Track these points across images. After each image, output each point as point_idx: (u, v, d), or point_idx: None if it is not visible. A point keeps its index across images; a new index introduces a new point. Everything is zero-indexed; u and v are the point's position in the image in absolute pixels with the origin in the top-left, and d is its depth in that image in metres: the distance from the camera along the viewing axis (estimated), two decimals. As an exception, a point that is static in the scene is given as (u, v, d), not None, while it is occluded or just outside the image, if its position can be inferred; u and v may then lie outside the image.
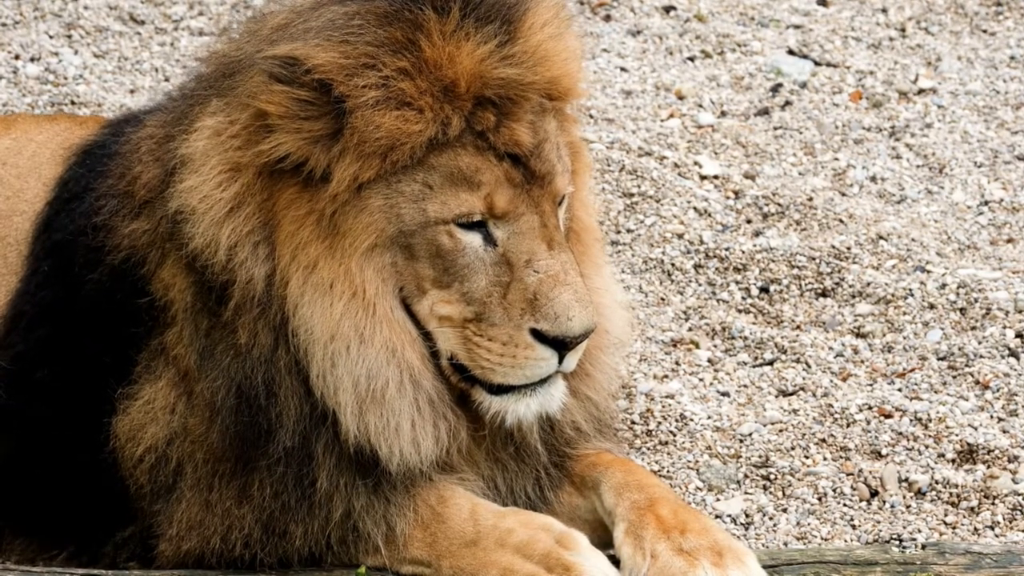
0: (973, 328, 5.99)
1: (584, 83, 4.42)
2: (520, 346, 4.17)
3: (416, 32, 4.12)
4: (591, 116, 7.35)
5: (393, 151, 4.12)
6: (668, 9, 8.39)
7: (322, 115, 4.11)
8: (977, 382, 5.66)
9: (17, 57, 7.71)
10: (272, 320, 4.24)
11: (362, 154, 4.12)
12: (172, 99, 4.77)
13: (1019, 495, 5.14)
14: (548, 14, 4.25)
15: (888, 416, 5.49)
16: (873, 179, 7.05)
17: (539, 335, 4.16)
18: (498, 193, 4.15)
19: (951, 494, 5.18)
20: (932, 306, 6.10)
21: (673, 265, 6.39)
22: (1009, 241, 6.60)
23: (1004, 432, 5.40)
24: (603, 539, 4.43)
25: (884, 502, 5.18)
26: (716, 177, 6.96)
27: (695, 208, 6.68)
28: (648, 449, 5.42)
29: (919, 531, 5.03)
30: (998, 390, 5.61)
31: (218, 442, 4.37)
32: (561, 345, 4.17)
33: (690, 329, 6.09)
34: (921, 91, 7.72)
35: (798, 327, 6.09)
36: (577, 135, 4.43)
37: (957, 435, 5.37)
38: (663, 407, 5.56)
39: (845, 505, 5.18)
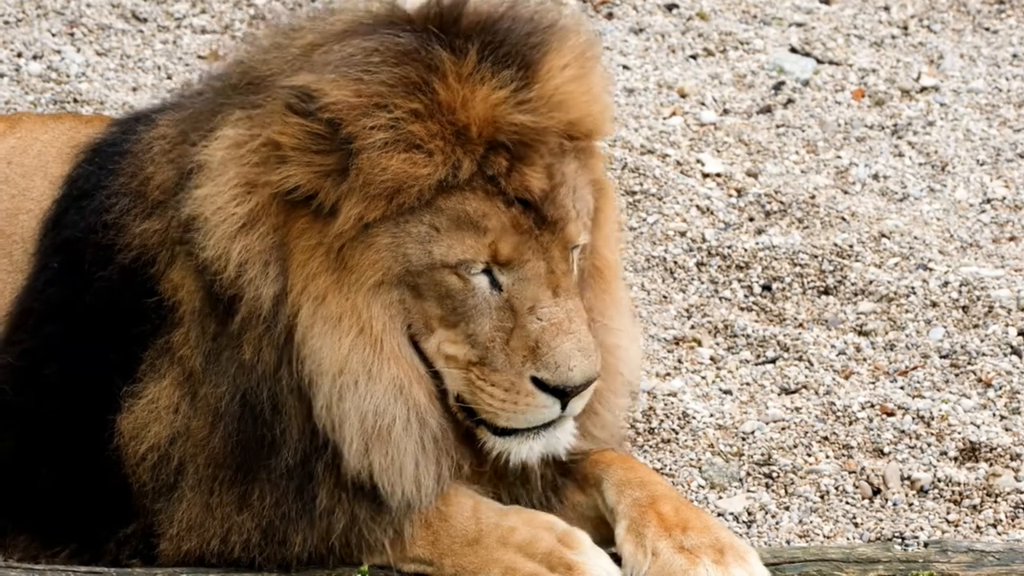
0: (975, 326, 5.99)
1: (611, 120, 4.37)
2: (521, 393, 4.15)
3: (431, 73, 4.08)
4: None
5: (399, 194, 4.09)
6: (670, 7, 8.39)
7: (332, 151, 4.09)
8: (979, 380, 5.67)
9: (20, 55, 7.71)
10: (276, 340, 4.23)
11: (367, 195, 4.09)
12: (185, 98, 4.76)
13: (1021, 493, 5.14)
14: (569, 56, 4.21)
15: (890, 414, 5.49)
16: (875, 177, 7.05)
17: (540, 383, 4.13)
18: (503, 240, 4.11)
19: (953, 492, 5.18)
20: (934, 304, 6.10)
21: (675, 263, 6.39)
22: (1011, 239, 6.61)
23: (1006, 430, 5.40)
24: (605, 536, 4.43)
25: (886, 500, 5.18)
26: (718, 175, 6.97)
27: (697, 206, 6.68)
28: (650, 447, 5.42)
29: (921, 529, 5.04)
30: (1000, 388, 5.61)
31: (220, 448, 4.37)
32: (562, 393, 4.14)
33: (692, 327, 6.09)
34: (923, 89, 7.72)
35: (800, 325, 6.09)
36: (602, 171, 4.38)
37: (959, 433, 5.37)
38: (665, 405, 5.56)
39: (847, 503, 5.18)
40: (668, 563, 4.23)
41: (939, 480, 5.20)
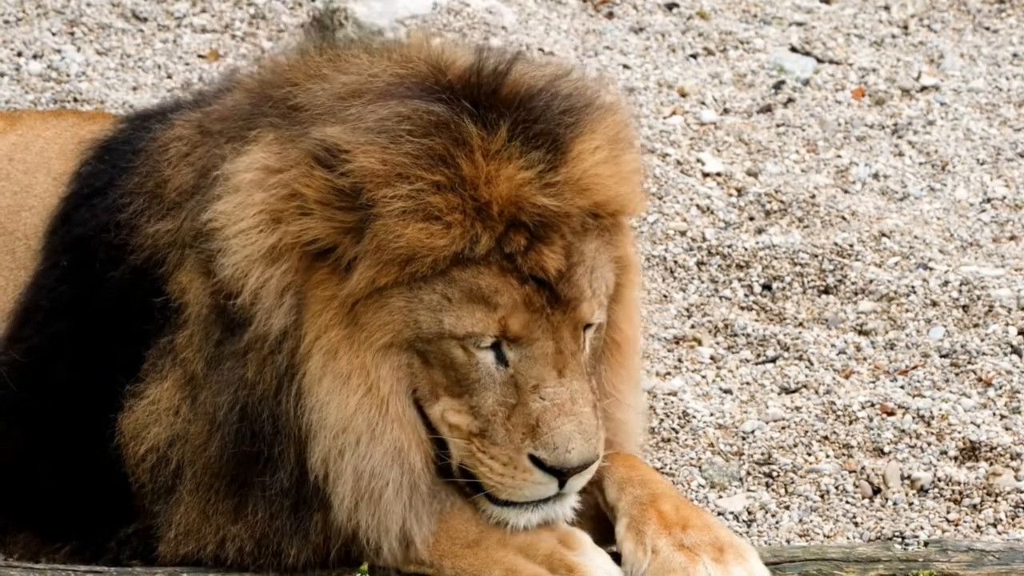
0: (975, 325, 5.99)
1: (641, 198, 4.36)
2: (519, 469, 4.15)
3: (458, 147, 4.07)
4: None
5: (412, 262, 4.08)
6: (670, 6, 8.39)
7: (353, 209, 4.09)
8: (979, 379, 5.67)
9: (20, 54, 7.71)
10: (279, 367, 4.22)
11: (380, 260, 4.09)
12: (205, 95, 4.76)
13: (1022, 492, 5.14)
14: (602, 138, 4.20)
15: (890, 413, 5.49)
16: (875, 176, 7.05)
17: (538, 461, 4.13)
18: (513, 317, 4.11)
19: (953, 491, 5.18)
20: (934, 303, 6.10)
21: (676, 262, 6.39)
22: (1012, 238, 6.60)
23: (1007, 430, 5.40)
24: (605, 535, 4.43)
25: (886, 499, 5.18)
26: (719, 174, 6.96)
27: (698, 205, 6.68)
28: (650, 446, 5.42)
29: (921, 528, 5.04)
30: (1000, 387, 5.61)
31: (216, 457, 4.37)
32: (559, 473, 4.15)
33: (692, 326, 6.09)
34: (924, 88, 7.72)
35: (800, 324, 6.09)
36: (628, 247, 4.36)
37: (959, 432, 5.37)
38: (665, 404, 5.56)
39: (847, 502, 5.18)
40: (668, 561, 4.24)
41: (939, 479, 5.20)
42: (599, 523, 4.49)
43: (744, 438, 5.43)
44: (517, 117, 4.13)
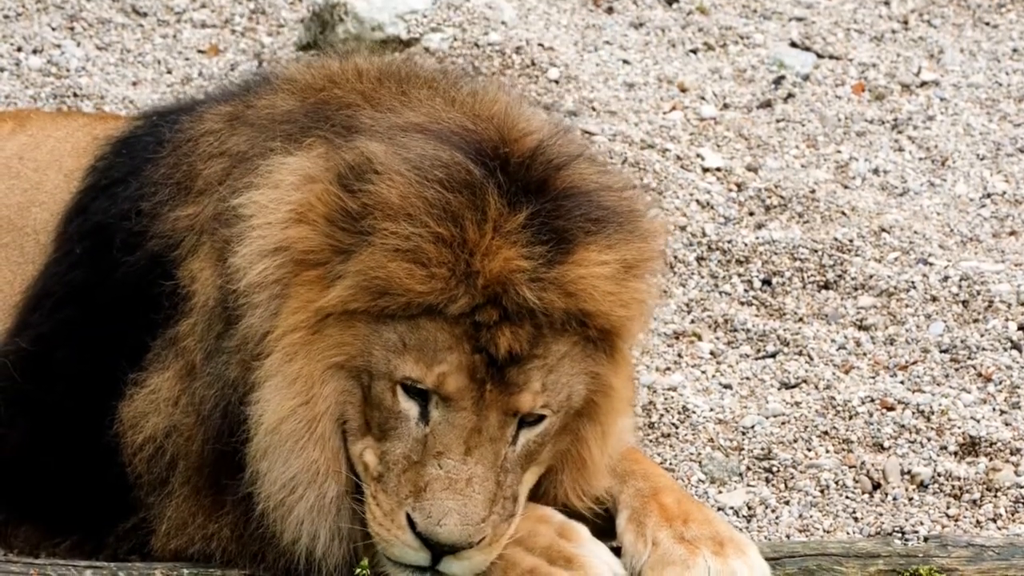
0: (975, 321, 5.99)
1: (639, 330, 4.36)
2: (395, 523, 4.14)
3: (473, 212, 4.10)
4: (593, 109, 7.35)
5: (385, 296, 4.11)
6: (670, 1, 8.39)
7: (353, 232, 4.13)
8: (979, 375, 5.67)
9: (20, 49, 7.71)
10: (255, 370, 4.27)
11: (357, 285, 4.12)
12: (232, 92, 4.78)
13: (1021, 488, 5.14)
14: (613, 256, 4.20)
15: (890, 409, 5.49)
16: (875, 172, 7.05)
17: (412, 523, 4.12)
18: (453, 376, 4.11)
19: (953, 487, 5.18)
20: (934, 299, 6.10)
21: (675, 257, 6.39)
22: (1012, 234, 6.61)
23: (1006, 425, 5.41)
24: (606, 528, 4.43)
25: (886, 495, 5.18)
26: (718, 170, 6.96)
27: (697, 201, 6.68)
28: (650, 442, 5.42)
29: (921, 524, 5.04)
30: (1000, 383, 5.61)
31: (198, 452, 4.39)
32: (429, 544, 4.12)
33: (692, 322, 6.09)
34: (924, 84, 7.72)
35: (800, 320, 6.09)
36: (615, 375, 4.32)
37: (959, 428, 5.37)
38: (665, 399, 5.57)
39: (847, 498, 5.18)
40: (668, 553, 4.24)
41: (939, 475, 5.21)
42: (600, 516, 4.49)
43: (744, 433, 5.44)
44: (543, 208, 4.14)
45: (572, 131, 4.77)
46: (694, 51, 8.02)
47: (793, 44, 8.04)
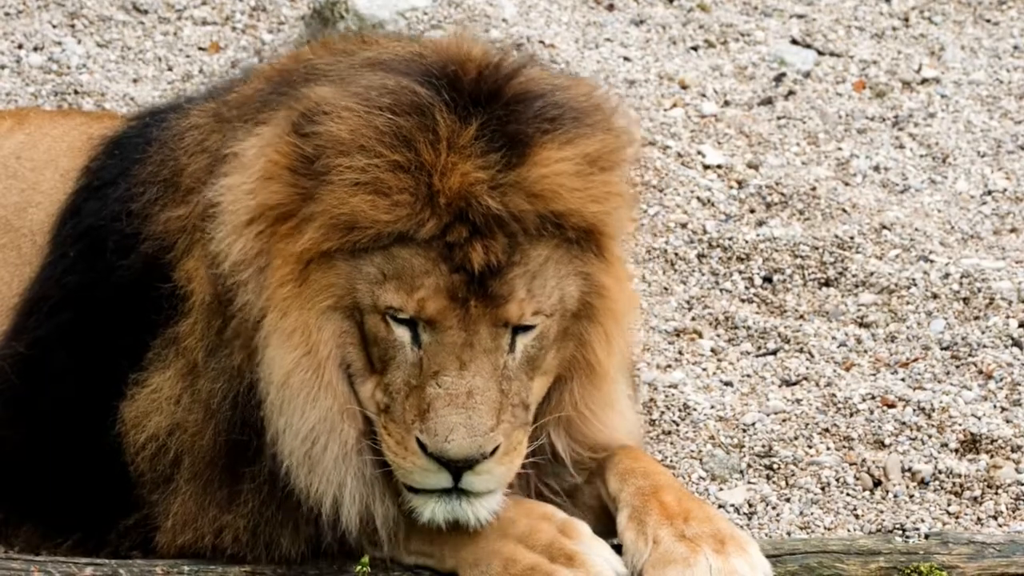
0: (976, 318, 5.99)
1: (620, 223, 4.32)
2: (408, 450, 4.15)
3: (424, 133, 4.11)
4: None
5: (354, 231, 4.12)
6: (671, -2, 8.39)
7: (312, 175, 4.15)
8: (980, 372, 5.67)
9: (20, 46, 7.71)
10: (253, 345, 4.28)
11: (325, 225, 4.14)
12: (221, 87, 4.79)
13: (1022, 485, 5.15)
14: (575, 151, 4.20)
15: (891, 406, 5.49)
16: (876, 169, 7.05)
17: (423, 446, 4.13)
18: (432, 300, 4.12)
19: (954, 484, 5.18)
20: (935, 296, 6.10)
21: (676, 255, 6.39)
22: (1012, 231, 6.61)
23: (1007, 422, 5.41)
24: (606, 526, 4.43)
25: (887, 492, 5.18)
26: (719, 167, 6.96)
27: (698, 198, 6.68)
28: (651, 439, 5.42)
29: (922, 521, 5.04)
30: (1001, 380, 5.61)
31: (210, 446, 4.39)
32: (444, 463, 4.13)
33: (693, 319, 6.09)
34: (924, 81, 7.72)
35: (801, 317, 6.09)
36: (606, 275, 4.32)
37: (960, 425, 5.37)
38: (666, 397, 5.57)
39: (848, 495, 5.18)
40: (669, 551, 4.24)
41: (940, 472, 5.21)
42: (600, 515, 4.50)
43: (745, 430, 5.44)
44: (493, 116, 4.15)
45: (531, 54, 4.74)
46: (695, 48, 8.02)
47: (794, 41, 8.04)
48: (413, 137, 4.11)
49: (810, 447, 5.38)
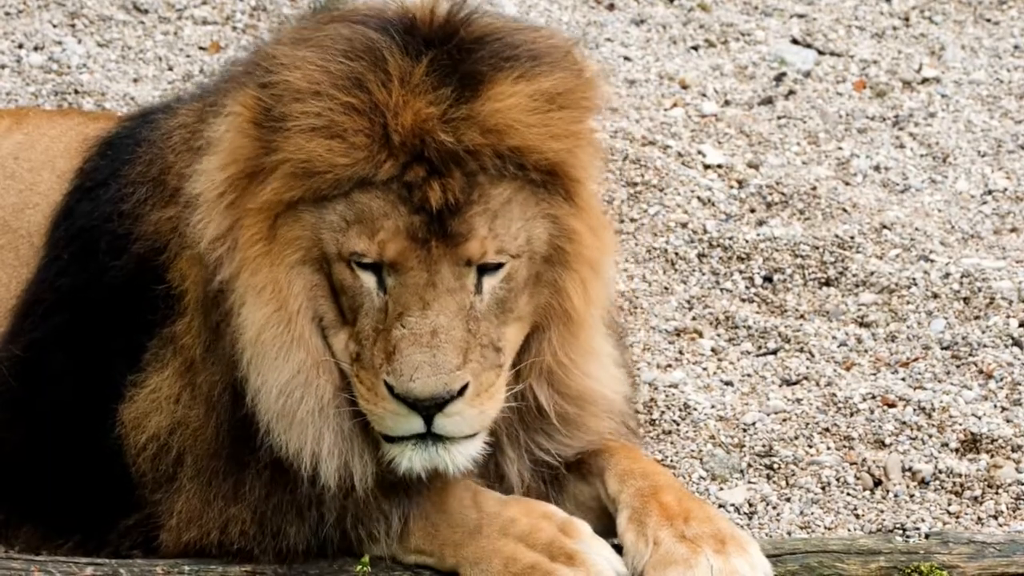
0: (977, 317, 5.99)
1: (586, 163, 4.30)
2: (379, 396, 4.16)
3: (375, 74, 4.12)
4: (595, 105, 7.35)
5: (314, 178, 4.14)
6: (672, -2, 8.39)
7: (272, 125, 4.16)
8: (980, 371, 5.67)
9: (21, 46, 7.71)
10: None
11: (285, 173, 4.15)
12: (206, 89, 4.80)
13: (1022, 484, 5.15)
14: (531, 88, 4.19)
15: (892, 405, 5.49)
16: (877, 168, 7.05)
17: (391, 389, 4.13)
18: (392, 242, 4.12)
19: (954, 483, 5.18)
20: (935, 295, 6.10)
21: (677, 254, 6.39)
22: (1013, 230, 6.61)
23: (1008, 422, 5.41)
24: (606, 526, 4.44)
25: (888, 491, 5.18)
26: (720, 166, 6.96)
27: (699, 197, 6.68)
28: (652, 438, 5.42)
29: (922, 520, 5.04)
30: (1001, 379, 5.61)
31: (213, 438, 4.40)
32: (411, 404, 4.12)
33: (694, 318, 6.09)
34: (925, 80, 7.72)
35: (802, 316, 6.09)
36: (576, 219, 4.31)
37: (960, 424, 5.37)
38: (667, 396, 5.57)
39: (849, 494, 5.18)
40: (669, 552, 4.24)
41: (940, 471, 5.21)
42: (600, 516, 4.50)
43: (745, 430, 5.44)
44: (445, 53, 4.16)
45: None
46: (695, 48, 8.02)
47: (794, 41, 8.04)
48: (365, 79, 4.12)
49: (810, 447, 5.38)
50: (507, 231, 4.19)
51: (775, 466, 5.29)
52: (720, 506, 5.13)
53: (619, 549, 4.34)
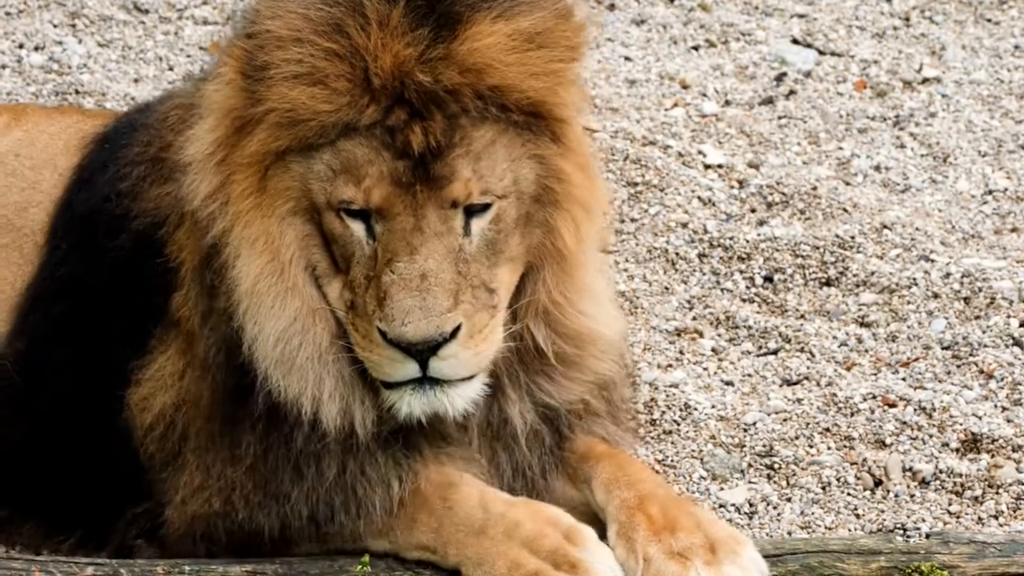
0: (977, 317, 5.99)
1: (568, 104, 4.31)
2: (374, 342, 4.18)
3: (354, 17, 4.15)
4: (595, 105, 7.35)
5: (298, 125, 4.17)
6: (672, -2, 8.39)
7: (256, 76, 4.19)
8: (981, 371, 5.67)
9: (21, 46, 7.71)
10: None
11: (271, 122, 4.18)
12: (202, 74, 4.83)
13: (1023, 484, 5.15)
14: (511, 27, 4.21)
15: (892, 405, 5.49)
16: (877, 168, 7.05)
17: (384, 335, 4.15)
18: (377, 188, 4.15)
19: (955, 483, 5.18)
20: (936, 295, 6.10)
21: (677, 254, 6.39)
22: (1013, 230, 6.61)
23: (1008, 421, 5.41)
24: (602, 528, 4.44)
25: (888, 491, 5.18)
26: (720, 166, 6.96)
27: (699, 197, 6.68)
28: (652, 439, 5.42)
29: (923, 520, 5.04)
30: (1002, 379, 5.61)
31: (209, 401, 4.42)
32: (404, 348, 4.15)
33: (694, 318, 6.09)
34: (925, 80, 7.72)
35: (802, 316, 6.09)
36: (564, 160, 4.33)
37: (961, 424, 5.37)
38: (667, 396, 5.57)
39: (849, 494, 5.18)
40: (660, 571, 4.24)
41: (941, 471, 5.21)
42: (593, 520, 4.49)
43: (746, 430, 5.44)
44: None
45: None
46: (696, 48, 8.02)
47: (795, 41, 8.04)
48: (344, 23, 4.15)
49: (811, 447, 5.38)
50: (492, 172, 4.21)
51: (776, 466, 5.29)
52: (720, 506, 5.13)
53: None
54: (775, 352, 5.89)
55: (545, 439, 4.54)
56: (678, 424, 5.48)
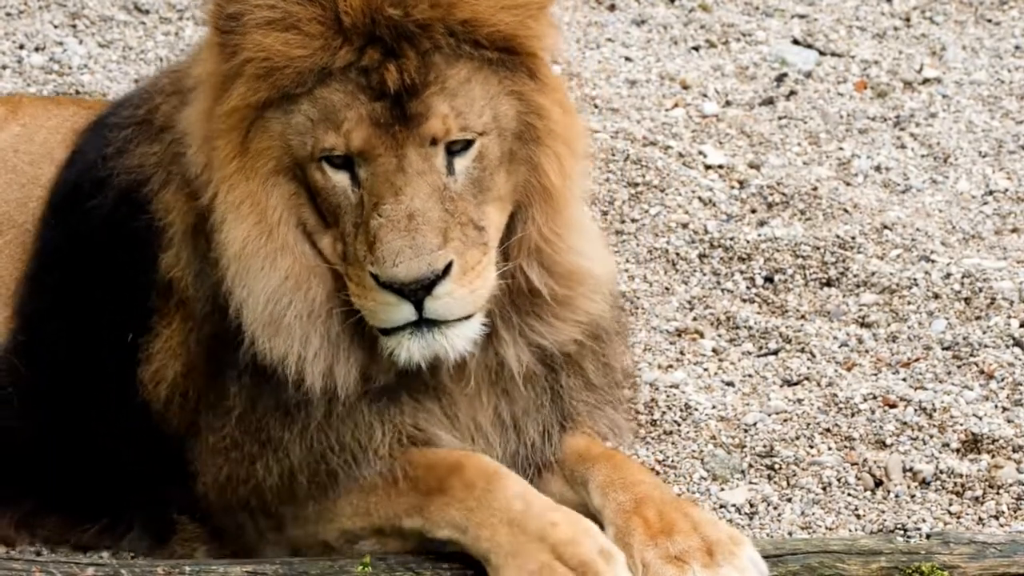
0: (978, 318, 5.99)
1: (542, 38, 4.33)
2: (368, 288, 4.18)
3: None
4: (595, 106, 7.35)
5: (275, 73, 4.17)
6: (672, -2, 8.39)
7: (232, 29, 4.20)
8: (982, 372, 5.67)
9: (22, 47, 7.71)
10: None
11: (249, 75, 4.19)
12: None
13: (1023, 484, 5.15)
14: None
15: (893, 406, 5.49)
16: (878, 169, 7.05)
17: (376, 278, 4.16)
18: (357, 131, 4.16)
19: (956, 484, 5.18)
20: (936, 296, 6.10)
21: (678, 255, 6.39)
22: (1014, 231, 6.60)
23: (1009, 422, 5.41)
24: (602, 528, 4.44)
25: (889, 492, 5.18)
26: (721, 167, 6.96)
27: (700, 198, 6.68)
28: (652, 439, 5.42)
29: (923, 521, 5.04)
30: (1003, 380, 5.61)
31: (200, 356, 4.44)
32: (399, 292, 4.14)
33: (695, 319, 6.09)
34: (926, 81, 7.72)
35: (803, 317, 6.09)
36: (543, 96, 4.34)
37: (962, 425, 5.37)
38: (667, 397, 5.57)
39: (850, 495, 5.18)
40: (658, 575, 4.23)
41: (941, 472, 5.21)
42: (596, 520, 4.49)
43: (746, 430, 5.44)
44: None
45: None
46: (696, 48, 8.02)
47: (795, 41, 8.04)
48: None
49: (811, 447, 5.38)
50: (470, 109, 4.22)
51: (776, 466, 5.29)
52: (721, 507, 5.13)
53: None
54: (775, 352, 5.89)
55: (543, 384, 4.54)
56: (678, 424, 5.48)
